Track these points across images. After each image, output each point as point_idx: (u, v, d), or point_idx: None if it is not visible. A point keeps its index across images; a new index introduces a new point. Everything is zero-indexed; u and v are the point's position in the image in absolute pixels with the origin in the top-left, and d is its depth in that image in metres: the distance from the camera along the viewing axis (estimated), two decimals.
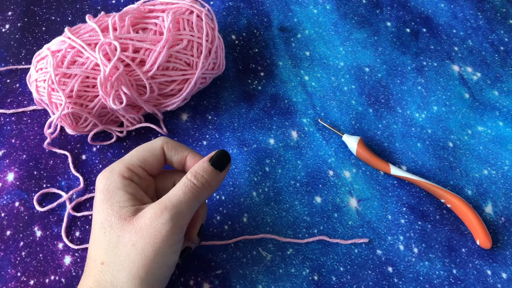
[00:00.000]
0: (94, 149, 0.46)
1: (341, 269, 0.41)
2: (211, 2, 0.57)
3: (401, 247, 0.42)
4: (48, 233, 0.41)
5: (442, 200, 0.43)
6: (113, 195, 0.33)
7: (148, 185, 0.36)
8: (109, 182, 0.34)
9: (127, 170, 0.34)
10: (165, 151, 0.36)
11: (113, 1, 0.56)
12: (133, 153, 0.36)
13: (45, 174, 0.44)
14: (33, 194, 0.43)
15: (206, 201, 0.41)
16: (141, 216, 0.32)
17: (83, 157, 0.45)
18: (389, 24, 0.56)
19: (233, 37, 0.54)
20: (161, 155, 0.36)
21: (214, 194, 0.44)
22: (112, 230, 0.32)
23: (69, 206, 0.42)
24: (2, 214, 0.42)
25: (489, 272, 0.41)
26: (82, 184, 0.44)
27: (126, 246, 0.31)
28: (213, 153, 0.36)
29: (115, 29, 0.43)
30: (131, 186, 0.34)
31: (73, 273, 0.40)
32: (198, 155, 0.37)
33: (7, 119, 0.47)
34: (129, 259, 0.31)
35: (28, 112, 0.48)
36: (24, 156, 0.45)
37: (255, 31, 0.55)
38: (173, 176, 0.38)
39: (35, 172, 0.44)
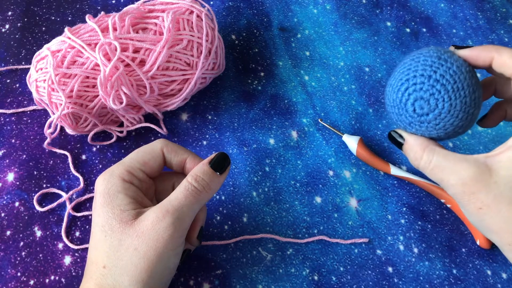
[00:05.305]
0: (94, 149, 0.46)
1: (341, 269, 0.41)
2: (211, 2, 0.57)
3: (401, 247, 0.42)
4: (48, 233, 0.41)
5: (442, 200, 0.43)
6: (114, 198, 0.33)
7: (148, 188, 0.36)
8: (109, 185, 0.33)
9: (127, 173, 0.34)
10: (165, 153, 0.36)
11: (113, 1, 0.56)
12: (132, 155, 0.36)
13: (45, 174, 0.44)
14: (33, 194, 0.43)
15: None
16: (143, 220, 0.32)
17: (83, 157, 0.45)
18: (389, 24, 0.56)
19: (233, 37, 0.54)
20: (160, 157, 0.36)
21: (214, 194, 0.44)
22: (114, 234, 0.32)
23: (69, 206, 0.42)
24: (2, 214, 0.42)
25: (489, 272, 0.41)
26: (82, 184, 0.44)
27: (128, 250, 0.31)
28: (212, 156, 0.36)
29: (115, 29, 0.43)
30: (131, 189, 0.34)
31: (73, 273, 0.40)
32: (198, 157, 0.37)
33: (7, 119, 0.47)
34: (131, 263, 0.31)
35: (28, 112, 0.48)
36: (24, 156, 0.45)
37: (255, 31, 0.55)
38: (173, 178, 0.38)
39: (35, 172, 0.44)
